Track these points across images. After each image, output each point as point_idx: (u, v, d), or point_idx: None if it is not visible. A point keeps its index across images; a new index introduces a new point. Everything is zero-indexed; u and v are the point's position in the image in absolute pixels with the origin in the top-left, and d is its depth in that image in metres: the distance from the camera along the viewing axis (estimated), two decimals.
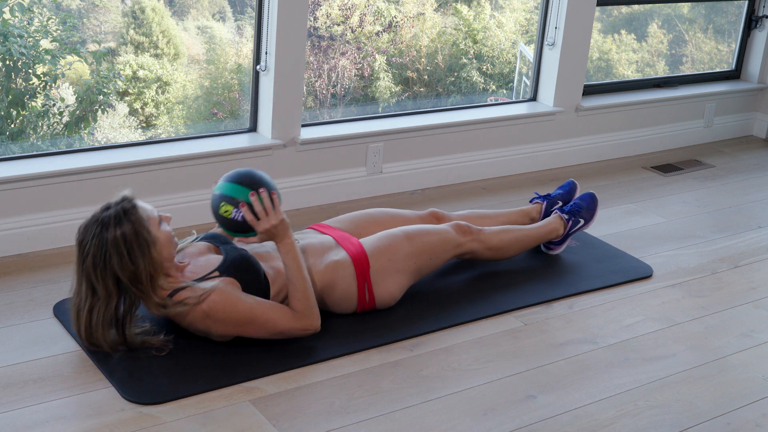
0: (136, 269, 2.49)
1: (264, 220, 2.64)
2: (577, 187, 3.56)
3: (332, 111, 4.84)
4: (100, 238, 2.48)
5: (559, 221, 3.39)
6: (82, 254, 2.50)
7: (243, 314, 2.58)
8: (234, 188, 2.66)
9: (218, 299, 2.55)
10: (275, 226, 2.65)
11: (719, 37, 5.67)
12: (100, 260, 2.47)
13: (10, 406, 2.36)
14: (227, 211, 2.66)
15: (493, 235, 3.18)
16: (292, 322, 2.64)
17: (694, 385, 2.72)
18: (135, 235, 2.49)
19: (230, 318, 2.57)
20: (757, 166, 4.82)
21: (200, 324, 2.59)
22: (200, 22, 4.46)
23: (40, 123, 3.80)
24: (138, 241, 2.49)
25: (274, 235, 2.66)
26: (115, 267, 2.47)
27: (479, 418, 2.47)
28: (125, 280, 2.49)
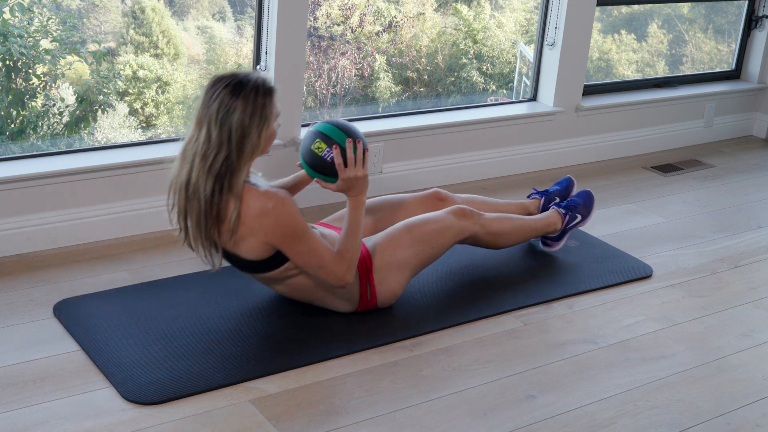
0: (248, 134, 2.54)
1: (350, 168, 2.71)
2: (575, 183, 3.57)
3: (332, 111, 4.85)
4: (233, 90, 2.54)
5: (556, 216, 3.40)
6: (210, 98, 2.55)
7: (300, 227, 2.61)
8: (333, 130, 2.73)
9: (285, 200, 2.59)
10: (358, 178, 2.72)
11: (719, 37, 5.67)
12: (225, 109, 2.52)
13: (10, 406, 2.36)
14: (319, 148, 2.72)
15: (494, 221, 3.18)
16: (334, 261, 2.68)
17: (694, 385, 2.72)
18: (263, 106, 2.56)
19: (287, 224, 2.59)
20: (757, 166, 4.82)
21: (254, 221, 2.58)
22: (200, 22, 4.46)
23: (40, 123, 3.80)
24: (262, 113, 2.56)
25: (353, 187, 2.73)
26: (234, 121, 2.52)
27: (479, 418, 2.47)
28: (235, 139, 2.54)
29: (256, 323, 2.83)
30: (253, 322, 2.84)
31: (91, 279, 3.06)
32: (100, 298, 2.93)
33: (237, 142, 2.54)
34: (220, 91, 2.54)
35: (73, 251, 3.26)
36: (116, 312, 2.84)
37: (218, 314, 2.87)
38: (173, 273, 3.14)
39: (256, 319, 2.86)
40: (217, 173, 2.54)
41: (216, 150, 2.54)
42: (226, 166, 2.54)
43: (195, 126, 2.58)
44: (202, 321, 2.82)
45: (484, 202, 3.37)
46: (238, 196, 2.56)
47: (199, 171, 2.55)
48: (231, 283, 3.07)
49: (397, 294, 2.94)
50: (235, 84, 2.55)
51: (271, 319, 2.87)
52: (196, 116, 2.58)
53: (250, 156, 2.58)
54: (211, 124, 2.54)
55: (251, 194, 2.58)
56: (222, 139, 2.53)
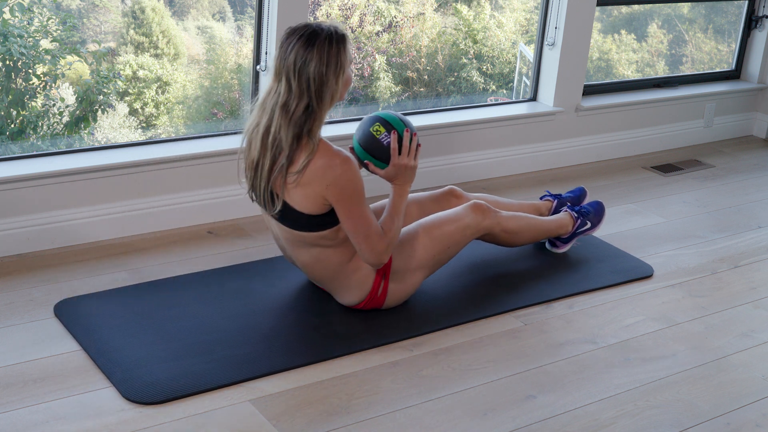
0: (326, 82, 2.62)
1: (404, 156, 2.81)
2: (587, 194, 3.65)
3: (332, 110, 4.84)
4: (308, 40, 2.60)
5: (568, 218, 3.43)
6: (286, 50, 2.62)
7: (359, 192, 2.68)
8: (393, 118, 2.85)
9: (353, 164, 2.67)
10: (408, 167, 2.81)
11: (719, 37, 5.67)
12: (302, 59, 2.59)
13: (10, 406, 2.36)
14: (378, 131, 2.82)
15: (510, 219, 3.20)
16: (378, 236, 2.73)
17: (694, 385, 2.72)
18: (337, 54, 2.63)
19: (349, 183, 2.66)
20: (757, 166, 4.82)
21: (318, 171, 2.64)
22: (200, 22, 4.46)
23: (40, 123, 3.80)
24: (338, 60, 2.63)
25: (401, 175, 2.82)
26: (311, 70, 2.59)
27: (479, 418, 2.47)
28: (314, 87, 2.61)
29: (257, 323, 2.83)
30: (253, 322, 2.84)
31: (91, 279, 3.06)
32: (100, 298, 2.93)
33: (316, 90, 2.62)
34: (295, 42, 2.61)
35: (73, 251, 3.26)
36: (116, 312, 2.84)
37: (218, 314, 2.87)
38: (173, 273, 3.14)
39: (256, 319, 2.86)
40: (298, 121, 2.62)
41: (297, 99, 2.62)
42: (307, 114, 2.63)
43: (273, 78, 2.67)
44: (202, 321, 2.82)
45: (497, 202, 3.39)
46: (316, 143, 2.65)
47: (280, 120, 2.63)
48: (231, 283, 3.07)
49: (409, 294, 2.97)
50: (309, 34, 2.62)
51: (272, 319, 2.87)
52: (274, 68, 2.66)
53: (329, 103, 2.67)
54: (289, 74, 2.62)
55: (324, 147, 2.67)
56: (302, 88, 2.61)
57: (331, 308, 2.95)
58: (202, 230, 3.51)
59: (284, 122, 2.63)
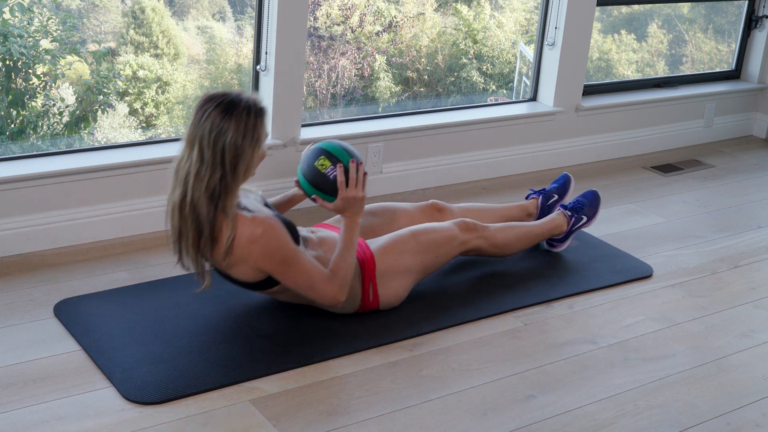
0: (242, 155, 2.54)
1: (351, 188, 2.73)
2: (572, 180, 3.58)
3: (332, 111, 4.84)
4: (226, 110, 2.52)
5: (562, 218, 3.40)
6: (202, 117, 2.53)
7: (289, 252, 2.62)
8: (337, 149, 2.76)
9: (274, 225, 2.59)
10: (356, 198, 2.74)
11: (719, 37, 5.67)
12: (217, 127, 2.51)
13: (10, 406, 2.36)
14: (323, 165, 2.74)
15: (498, 232, 3.19)
16: (326, 282, 2.68)
17: (694, 385, 2.72)
18: (254, 127, 2.55)
19: (276, 250, 2.60)
20: (757, 166, 4.82)
21: (243, 248, 2.59)
22: (200, 22, 4.46)
23: (40, 123, 3.80)
24: (254, 133, 2.55)
25: (350, 207, 2.74)
26: (227, 141, 2.51)
27: (479, 418, 2.47)
28: (229, 159, 2.53)
29: (256, 323, 2.83)
30: (253, 322, 2.84)
31: (91, 279, 3.06)
32: (100, 298, 2.93)
33: (231, 162, 2.53)
34: (211, 110, 2.52)
35: (73, 251, 3.26)
36: (116, 312, 2.84)
37: (218, 314, 2.87)
38: (173, 273, 3.14)
39: (256, 319, 2.86)
40: (212, 193, 2.54)
41: (210, 170, 2.53)
42: (222, 186, 2.54)
43: (187, 145, 2.57)
44: (202, 321, 2.82)
45: (482, 210, 3.36)
46: (233, 219, 2.57)
47: (194, 190, 2.54)
48: (231, 284, 3.07)
49: (401, 297, 2.95)
50: (227, 104, 2.53)
51: (271, 319, 2.87)
52: (187, 135, 2.56)
53: (243, 176, 2.58)
54: (203, 144, 2.52)
55: (241, 221, 2.58)
56: (216, 159, 2.52)
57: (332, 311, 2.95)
58: None
59: (199, 193, 2.53)
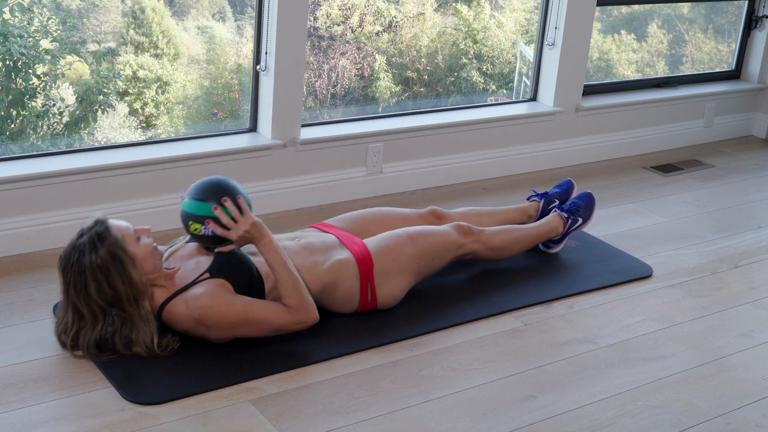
0: (116, 293, 2.49)
1: (234, 228, 2.61)
2: (574, 186, 3.58)
3: (332, 111, 4.84)
4: (78, 265, 2.48)
5: (558, 219, 3.40)
6: (65, 283, 2.52)
7: (236, 317, 2.55)
8: (196, 205, 2.63)
9: (209, 305, 2.53)
10: (248, 231, 2.62)
11: (719, 37, 5.67)
12: (81, 288, 2.48)
13: (10, 406, 2.36)
14: (196, 229, 2.64)
15: (494, 236, 3.19)
16: (288, 317, 2.61)
17: (694, 385, 2.72)
18: (111, 257, 2.48)
19: (223, 322, 2.55)
20: (757, 166, 4.82)
21: (195, 331, 2.59)
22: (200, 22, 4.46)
23: (40, 123, 3.80)
24: (114, 263, 2.48)
25: (250, 239, 2.64)
26: (93, 294, 2.48)
27: (479, 418, 2.47)
28: (106, 305, 2.50)
29: None
30: None
31: None
32: None
33: (111, 305, 2.51)
34: (69, 274, 2.49)
35: None
36: None
37: None
38: None
39: None
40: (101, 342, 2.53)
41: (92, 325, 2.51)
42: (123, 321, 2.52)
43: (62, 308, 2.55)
44: None
45: (481, 214, 3.36)
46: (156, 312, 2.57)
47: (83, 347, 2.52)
48: None
49: (397, 297, 2.94)
50: (75, 259, 2.49)
51: None
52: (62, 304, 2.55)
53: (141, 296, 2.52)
54: (77, 305, 2.51)
55: (172, 314, 2.57)
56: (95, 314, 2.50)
57: (331, 310, 2.95)
58: None
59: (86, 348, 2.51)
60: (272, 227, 3.52)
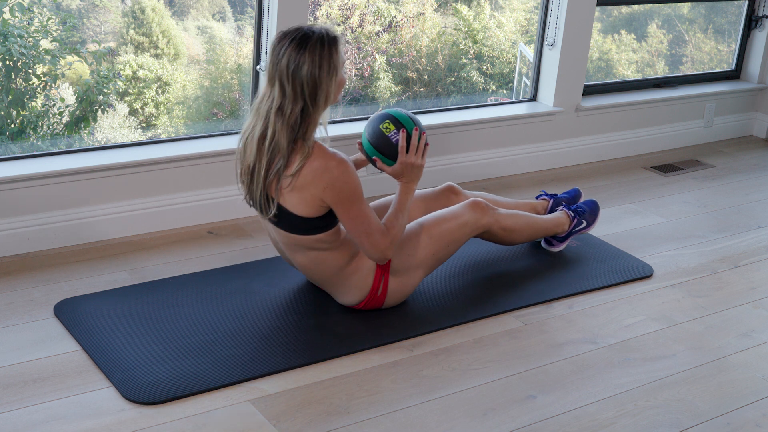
0: (320, 85, 2.62)
1: (411, 154, 2.81)
2: (581, 195, 3.65)
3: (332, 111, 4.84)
4: (300, 44, 2.61)
5: (565, 217, 3.45)
6: (278, 55, 2.63)
7: (356, 193, 2.69)
8: (404, 117, 2.86)
9: (349, 164, 2.68)
10: (415, 165, 2.82)
11: (719, 37, 5.67)
12: (294, 63, 2.60)
13: (10, 406, 2.36)
14: (388, 128, 2.83)
15: (508, 216, 3.21)
16: (380, 232, 2.74)
17: (694, 385, 2.72)
18: (329, 55, 2.62)
19: (345, 185, 2.66)
20: (757, 166, 4.82)
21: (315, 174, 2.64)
22: (200, 22, 4.46)
23: (40, 123, 3.80)
24: (330, 61, 2.63)
25: (408, 173, 2.82)
26: (304, 73, 2.60)
27: (479, 418, 2.47)
28: (308, 90, 2.61)
29: (256, 323, 2.83)
30: (253, 322, 2.84)
31: (91, 279, 3.06)
32: (100, 298, 2.93)
33: (310, 93, 2.62)
34: (287, 46, 2.62)
35: (74, 251, 3.26)
36: (116, 312, 2.84)
37: (218, 314, 2.87)
38: (173, 273, 3.14)
39: (256, 319, 2.86)
40: (293, 124, 2.63)
41: (292, 103, 2.62)
42: (302, 117, 2.63)
43: (267, 83, 2.67)
44: (202, 321, 2.82)
45: (495, 200, 3.40)
46: (310, 146, 2.65)
47: (276, 124, 2.63)
48: (231, 283, 3.07)
49: (406, 294, 2.97)
50: (300, 38, 2.62)
51: (271, 319, 2.87)
52: (267, 73, 2.66)
53: (323, 105, 2.67)
54: (283, 78, 2.62)
55: (319, 149, 2.67)
56: (296, 91, 2.61)
57: (331, 308, 2.95)
58: (202, 230, 3.51)
59: (280, 127, 2.63)
60: None
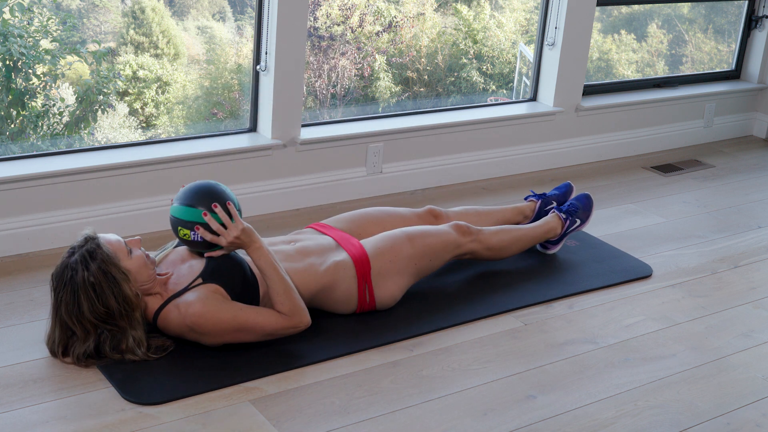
0: (108, 310, 2.48)
1: (224, 234, 2.60)
2: (573, 189, 3.59)
3: (332, 111, 4.84)
4: (71, 284, 2.47)
5: (557, 220, 3.40)
6: (57, 302, 2.50)
7: (228, 323, 2.55)
8: (186, 211, 2.61)
9: (200, 312, 2.52)
10: (237, 237, 2.60)
11: (719, 37, 5.67)
12: (74, 307, 2.47)
13: (10, 406, 2.36)
14: (186, 234, 2.62)
15: (492, 235, 3.18)
16: (280, 322, 2.61)
17: (694, 385, 2.72)
18: (104, 275, 2.47)
19: (215, 329, 2.55)
20: (757, 166, 4.82)
21: (188, 336, 2.59)
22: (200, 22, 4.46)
23: (40, 123, 3.80)
24: (107, 280, 2.47)
25: (240, 244, 2.62)
26: (86, 312, 2.47)
27: (479, 418, 2.47)
28: (98, 322, 2.49)
29: None
30: None
31: None
32: None
33: (104, 322, 2.50)
34: (60, 293, 2.48)
35: None
36: None
37: None
38: None
39: None
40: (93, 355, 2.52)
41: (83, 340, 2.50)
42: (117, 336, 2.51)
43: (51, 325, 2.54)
44: None
45: (478, 213, 3.36)
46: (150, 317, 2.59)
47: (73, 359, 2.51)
48: None
49: (396, 297, 2.94)
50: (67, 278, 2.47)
51: None
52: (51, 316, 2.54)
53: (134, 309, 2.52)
54: (68, 324, 2.50)
55: (166, 320, 2.58)
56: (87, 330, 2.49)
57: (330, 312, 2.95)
58: None
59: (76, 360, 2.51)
60: (272, 227, 3.53)
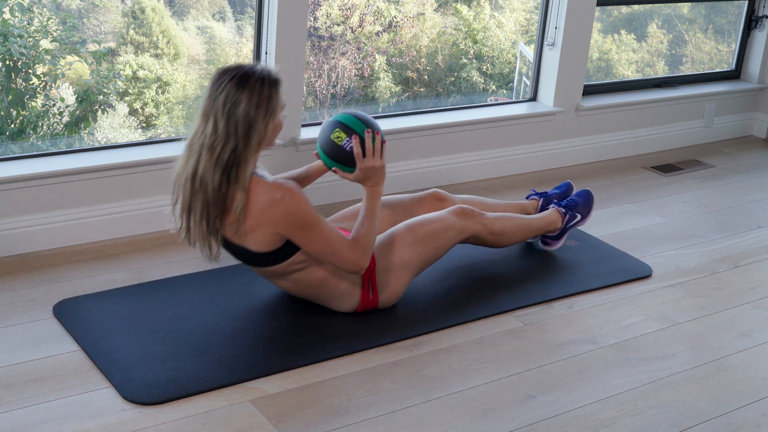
0: (255, 126, 2.54)
1: (369, 158, 2.74)
2: (573, 188, 3.60)
3: (332, 111, 4.85)
4: (239, 82, 2.53)
5: (557, 214, 3.41)
6: (216, 90, 2.55)
7: (310, 217, 2.61)
8: (353, 120, 2.76)
9: (294, 190, 2.59)
10: (375, 168, 2.74)
11: (719, 37, 5.67)
12: (231, 101, 2.52)
13: (10, 406, 2.36)
14: (339, 137, 2.74)
15: (496, 220, 3.19)
16: (347, 247, 2.67)
17: (694, 385, 2.72)
18: (268, 98, 2.56)
19: (297, 213, 2.59)
20: (757, 166, 4.82)
21: (263, 212, 2.58)
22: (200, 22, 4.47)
23: (40, 123, 3.80)
24: (268, 104, 2.56)
25: (370, 177, 2.76)
26: (240, 112, 2.52)
27: (479, 418, 2.47)
28: (242, 130, 2.53)
29: (256, 323, 2.83)
30: (253, 322, 2.84)
31: (91, 279, 3.06)
32: (100, 298, 2.93)
33: (243, 133, 2.54)
34: (226, 83, 2.54)
35: (73, 251, 3.26)
36: (116, 312, 2.84)
37: (218, 314, 2.87)
38: (173, 273, 3.14)
39: (256, 319, 2.86)
40: (225, 164, 2.54)
41: (223, 141, 2.53)
42: (234, 157, 2.54)
43: (201, 118, 2.57)
44: (202, 321, 2.82)
45: (482, 203, 3.37)
46: (245, 188, 2.57)
47: (207, 162, 2.54)
48: (231, 283, 3.07)
49: (399, 294, 2.94)
50: (240, 76, 2.54)
51: (271, 319, 2.87)
52: (202, 108, 2.57)
53: (257, 147, 2.58)
54: (217, 116, 2.53)
55: (259, 186, 2.59)
56: (229, 130, 2.53)
57: (331, 309, 2.95)
58: None
59: (210, 165, 2.54)
60: None
